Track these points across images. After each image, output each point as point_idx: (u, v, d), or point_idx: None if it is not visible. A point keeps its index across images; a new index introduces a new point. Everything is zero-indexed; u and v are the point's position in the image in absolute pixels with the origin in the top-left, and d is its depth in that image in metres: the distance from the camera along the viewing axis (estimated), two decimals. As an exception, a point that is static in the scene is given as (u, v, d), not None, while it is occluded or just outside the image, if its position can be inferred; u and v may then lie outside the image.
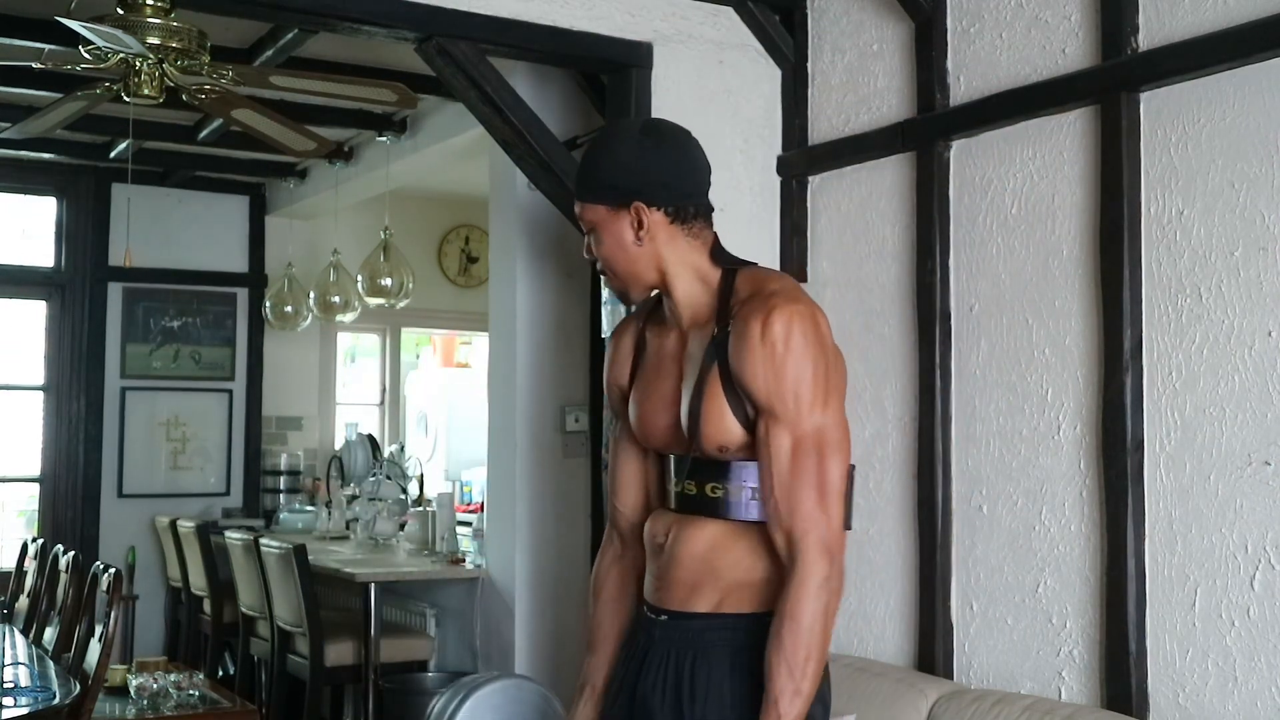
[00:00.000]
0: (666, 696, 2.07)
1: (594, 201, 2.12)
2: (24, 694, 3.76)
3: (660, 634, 2.12)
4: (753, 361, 1.99)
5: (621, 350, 2.28)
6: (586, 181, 2.13)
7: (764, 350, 1.98)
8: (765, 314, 1.99)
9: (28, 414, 7.44)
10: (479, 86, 3.63)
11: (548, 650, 4.87)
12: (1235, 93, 2.79)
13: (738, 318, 2.03)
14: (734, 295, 2.08)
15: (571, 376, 4.97)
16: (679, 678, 2.06)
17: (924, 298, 3.48)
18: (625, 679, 2.18)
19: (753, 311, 2.01)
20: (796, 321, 1.99)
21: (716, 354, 2.04)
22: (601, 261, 2.15)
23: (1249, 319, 2.75)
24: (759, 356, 1.98)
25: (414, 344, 9.51)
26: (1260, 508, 2.71)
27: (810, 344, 1.99)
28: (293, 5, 3.49)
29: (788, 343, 1.97)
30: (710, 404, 2.04)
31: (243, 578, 5.95)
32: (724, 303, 2.08)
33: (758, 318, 2.00)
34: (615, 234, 2.11)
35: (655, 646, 2.12)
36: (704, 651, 2.06)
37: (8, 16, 4.76)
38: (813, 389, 1.98)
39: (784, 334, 1.98)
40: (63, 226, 7.50)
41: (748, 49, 3.96)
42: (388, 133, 6.50)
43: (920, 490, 3.45)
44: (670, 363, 2.15)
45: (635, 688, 2.13)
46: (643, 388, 2.20)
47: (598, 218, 2.12)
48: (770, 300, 2.02)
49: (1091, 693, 3.00)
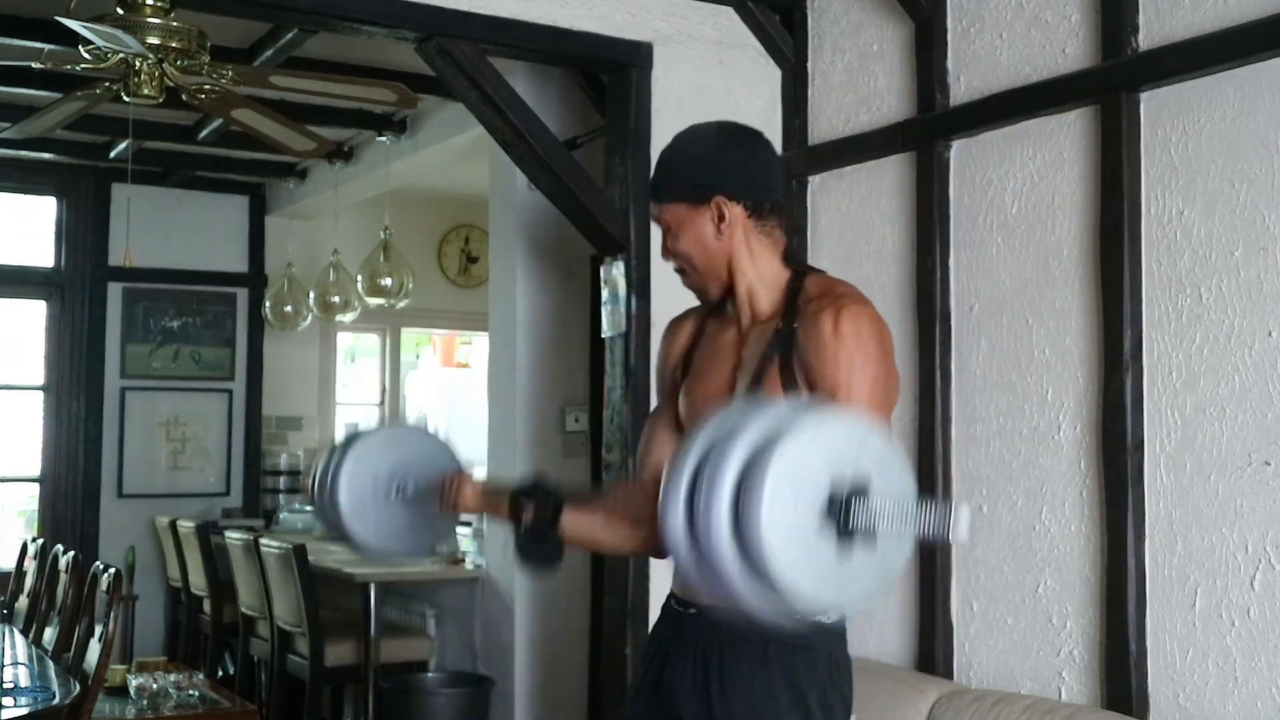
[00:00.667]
0: (695, 690, 2.07)
1: (674, 200, 2.13)
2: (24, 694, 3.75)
3: (688, 627, 2.12)
4: (822, 350, 2.01)
5: (680, 338, 2.30)
6: (665, 182, 2.15)
7: (835, 339, 2.00)
8: (838, 310, 2.02)
9: (28, 414, 7.44)
10: (479, 86, 3.63)
11: (547, 650, 4.87)
12: (1235, 93, 2.79)
13: (806, 313, 2.06)
14: (802, 294, 2.11)
15: (571, 376, 4.97)
16: (707, 671, 2.07)
17: (924, 298, 3.48)
18: (649, 671, 2.18)
19: (824, 307, 2.04)
20: (867, 323, 2.02)
21: (780, 346, 2.06)
22: (680, 260, 2.17)
23: (1249, 319, 2.75)
24: (829, 344, 2.01)
25: (414, 344, 9.50)
26: (1260, 508, 2.71)
27: (878, 346, 2.02)
28: (293, 5, 3.49)
29: (858, 338, 2.00)
30: (767, 393, 2.05)
31: (243, 578, 5.95)
32: (791, 301, 2.10)
33: (830, 312, 2.02)
34: (696, 230, 2.12)
35: (682, 639, 2.12)
36: (733, 644, 2.06)
37: (8, 16, 4.76)
38: (873, 388, 2.01)
39: (854, 330, 2.00)
40: (63, 226, 7.49)
41: (748, 49, 3.96)
42: (388, 133, 6.50)
43: (920, 490, 3.44)
44: (727, 354, 2.17)
45: (660, 680, 2.13)
46: (697, 377, 2.22)
47: (678, 216, 2.13)
48: (841, 299, 2.05)
49: (1091, 693, 3.00)
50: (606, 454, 3.84)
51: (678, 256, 2.17)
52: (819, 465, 1.61)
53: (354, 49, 5.12)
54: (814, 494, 1.60)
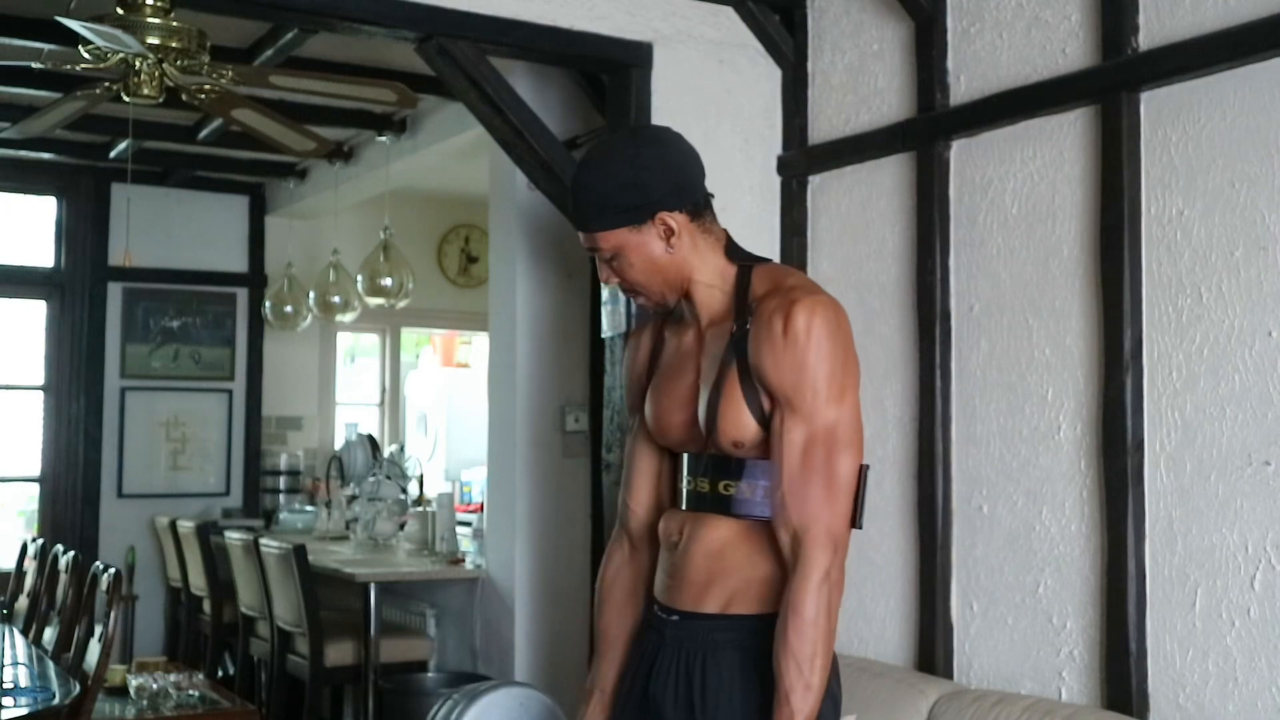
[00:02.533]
0: (679, 697, 2.07)
1: (613, 227, 2.07)
2: (24, 694, 3.75)
3: (671, 634, 2.12)
4: (774, 353, 2.00)
5: (641, 349, 2.29)
6: (595, 211, 2.07)
7: (785, 342, 1.99)
8: (787, 308, 2.00)
9: (28, 414, 7.44)
10: (479, 86, 3.63)
11: (547, 650, 4.87)
12: (1235, 93, 2.79)
13: (758, 313, 2.04)
14: (750, 292, 2.08)
15: (571, 376, 4.97)
16: (690, 678, 2.07)
17: (924, 298, 3.47)
18: (636, 679, 2.18)
19: (774, 306, 2.02)
20: (818, 313, 2.00)
21: (735, 350, 2.05)
22: (630, 284, 2.12)
23: (1249, 319, 2.75)
24: (780, 348, 1.99)
25: (414, 344, 9.50)
26: (1260, 508, 2.70)
27: (830, 337, 2.00)
28: (293, 5, 3.49)
29: (809, 335, 1.98)
30: (728, 400, 2.05)
31: (242, 578, 5.95)
32: (741, 299, 2.08)
33: (780, 312, 2.00)
34: (644, 251, 2.08)
35: (666, 646, 2.12)
36: (714, 652, 2.06)
37: (8, 16, 4.76)
38: (829, 383, 1.99)
39: (805, 326, 1.98)
40: (63, 226, 7.50)
41: (748, 49, 3.96)
42: (388, 133, 6.50)
43: (920, 490, 3.45)
44: (688, 360, 2.16)
45: (646, 688, 2.13)
46: (660, 385, 2.21)
47: (621, 241, 2.07)
48: (791, 294, 2.03)
49: (1091, 693, 3.00)
50: (606, 454, 3.84)
51: (628, 282, 2.12)
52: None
53: (354, 49, 5.13)
54: None
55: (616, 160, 2.08)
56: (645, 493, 2.29)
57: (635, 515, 2.30)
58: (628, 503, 2.31)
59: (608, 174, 2.07)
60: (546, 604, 4.90)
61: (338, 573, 5.37)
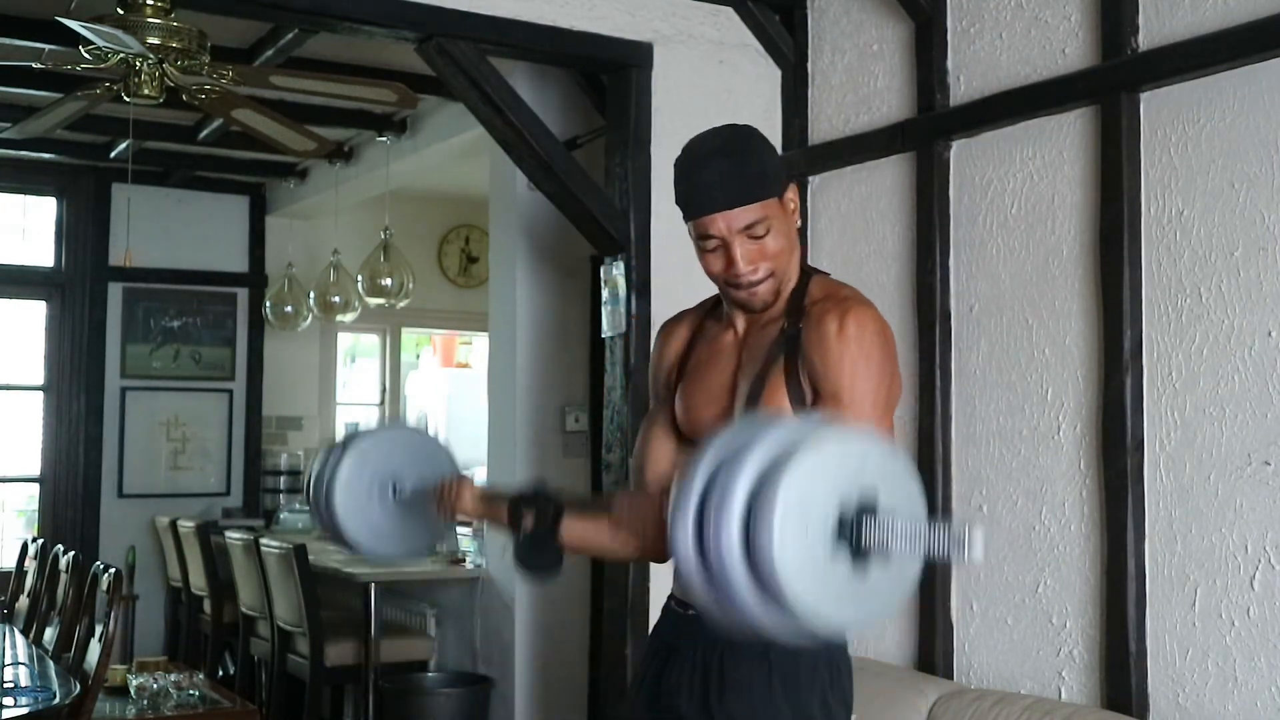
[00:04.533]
0: (694, 691, 2.07)
1: (768, 195, 2.04)
2: (24, 694, 3.75)
3: (688, 628, 2.11)
4: (826, 349, 2.00)
5: (675, 340, 2.27)
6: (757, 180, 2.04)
7: (839, 341, 1.99)
8: (843, 312, 2.01)
9: (28, 414, 7.44)
10: (479, 86, 3.63)
11: (547, 650, 4.87)
12: (1235, 93, 2.79)
13: (811, 314, 2.05)
14: (807, 296, 2.09)
15: (571, 376, 4.97)
16: (707, 673, 2.06)
17: (924, 298, 3.48)
18: (649, 672, 2.17)
19: (829, 309, 2.03)
20: (870, 324, 2.01)
21: (784, 348, 2.05)
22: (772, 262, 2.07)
23: (1249, 319, 2.75)
24: (834, 346, 1.99)
25: (414, 344, 9.50)
26: (1260, 508, 2.71)
27: (881, 349, 2.01)
28: (293, 5, 3.49)
29: (861, 342, 1.99)
30: (771, 394, 2.04)
31: (243, 578, 5.95)
32: (797, 301, 2.09)
33: (835, 314, 2.01)
34: (786, 225, 2.07)
35: (682, 640, 2.12)
36: (733, 647, 2.05)
37: (8, 16, 4.76)
38: (876, 391, 2.00)
39: (858, 333, 1.99)
40: (63, 226, 7.50)
41: (748, 49, 3.96)
42: (388, 133, 6.50)
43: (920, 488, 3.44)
44: (726, 356, 2.15)
45: (660, 680, 2.13)
46: (694, 379, 2.20)
47: (773, 213, 2.05)
48: (846, 301, 2.04)
49: (1091, 693, 3.00)
50: (606, 454, 3.84)
51: (771, 259, 2.07)
52: (827, 486, 1.60)
53: (354, 49, 5.12)
54: (824, 516, 1.59)
55: (742, 136, 2.09)
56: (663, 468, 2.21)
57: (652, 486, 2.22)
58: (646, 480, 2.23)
59: (747, 149, 2.07)
60: (546, 604, 4.90)
61: (338, 573, 5.37)
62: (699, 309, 2.28)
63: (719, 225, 2.04)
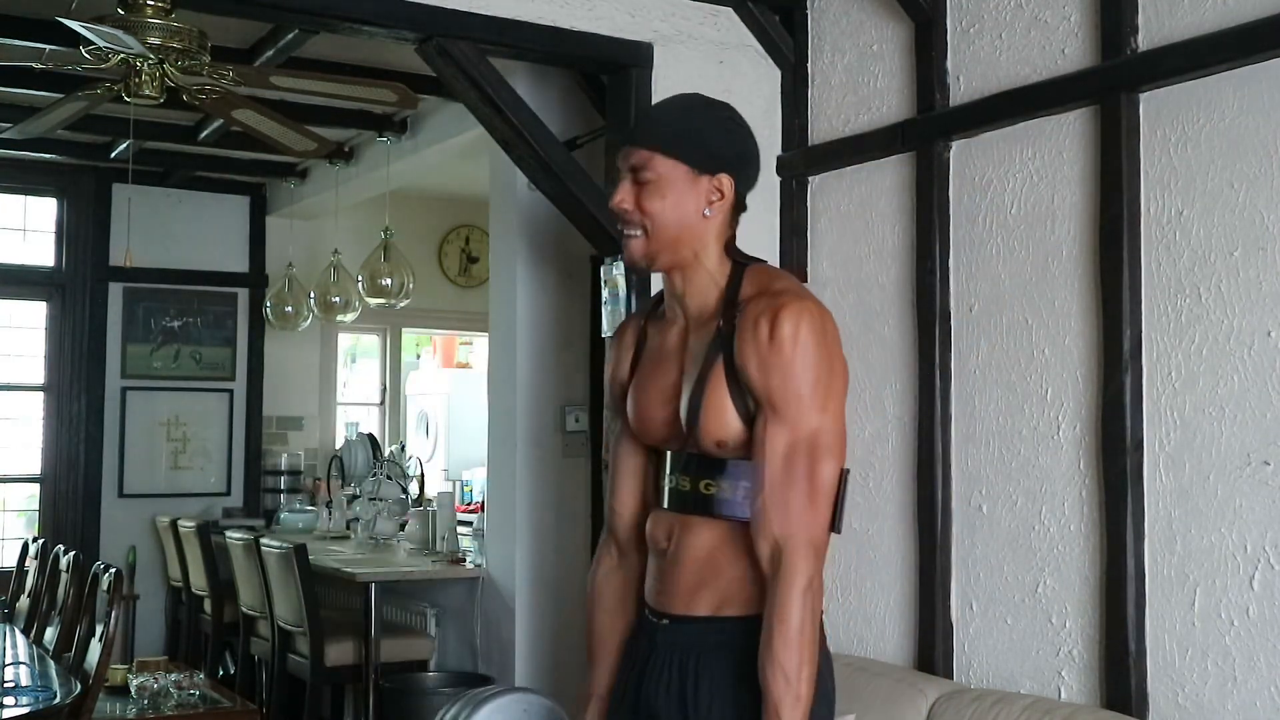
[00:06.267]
0: (672, 698, 2.06)
1: (675, 156, 2.03)
2: (24, 694, 3.76)
3: (662, 638, 2.11)
4: (759, 357, 1.98)
5: (623, 346, 2.26)
6: (670, 134, 2.04)
7: (771, 347, 1.97)
8: (774, 311, 1.98)
9: (28, 414, 7.45)
10: (479, 86, 3.63)
11: (547, 650, 4.88)
12: (1235, 93, 2.79)
13: (745, 314, 2.02)
14: (740, 291, 2.06)
15: (571, 376, 4.97)
16: (683, 682, 2.06)
17: (924, 298, 3.48)
18: (628, 683, 2.17)
19: (761, 309, 2.00)
20: (805, 319, 1.97)
21: (721, 348, 2.03)
22: (645, 217, 2.05)
23: (1249, 319, 2.75)
24: (765, 352, 1.97)
25: (414, 344, 9.51)
26: (1260, 508, 2.71)
27: (816, 343, 1.97)
28: (293, 5, 3.49)
29: (795, 341, 1.96)
30: (711, 398, 2.03)
31: (243, 577, 5.95)
32: (730, 298, 2.06)
33: (766, 315, 1.98)
34: (683, 197, 2.04)
35: (657, 651, 2.11)
36: (707, 655, 2.05)
37: (8, 17, 4.77)
38: (814, 389, 1.97)
39: (792, 332, 1.96)
40: (63, 226, 7.50)
41: (748, 49, 3.96)
42: (388, 133, 6.50)
43: (920, 490, 3.45)
44: (672, 357, 2.13)
45: (639, 692, 2.13)
46: (641, 381, 2.18)
47: (671, 176, 2.04)
48: (779, 298, 2.00)
49: (1091, 692, 3.00)
50: (606, 454, 3.83)
51: (644, 213, 2.05)
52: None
53: (354, 49, 5.13)
54: None
55: (715, 108, 2.11)
56: (630, 495, 2.26)
57: (621, 518, 2.28)
58: (614, 507, 2.29)
59: (701, 113, 2.09)
60: (546, 604, 4.90)
61: (338, 572, 5.37)
62: (643, 311, 2.27)
63: (622, 157, 2.08)
